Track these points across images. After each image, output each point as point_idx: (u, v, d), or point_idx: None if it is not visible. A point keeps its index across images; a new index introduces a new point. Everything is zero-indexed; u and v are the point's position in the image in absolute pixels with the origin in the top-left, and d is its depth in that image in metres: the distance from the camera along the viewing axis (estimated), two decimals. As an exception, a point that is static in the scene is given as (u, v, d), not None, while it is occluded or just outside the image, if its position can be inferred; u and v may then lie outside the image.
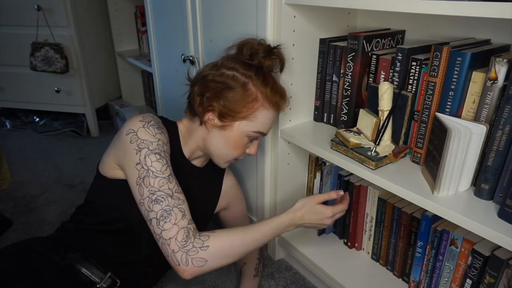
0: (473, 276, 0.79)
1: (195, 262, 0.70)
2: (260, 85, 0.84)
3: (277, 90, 0.88)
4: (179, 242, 0.70)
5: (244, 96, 0.83)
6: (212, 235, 0.73)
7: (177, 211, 0.72)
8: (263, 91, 0.85)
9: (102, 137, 2.19)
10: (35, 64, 1.86)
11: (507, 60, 0.66)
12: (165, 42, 1.47)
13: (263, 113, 0.85)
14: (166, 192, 0.73)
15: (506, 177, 0.68)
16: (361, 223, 1.06)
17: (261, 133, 0.87)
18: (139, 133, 0.77)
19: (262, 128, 0.87)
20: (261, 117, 0.85)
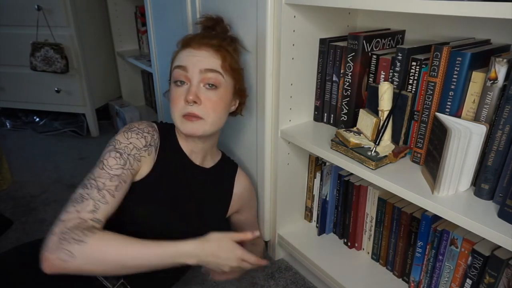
0: (473, 276, 0.79)
1: (62, 253, 0.65)
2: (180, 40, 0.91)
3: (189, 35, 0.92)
4: (65, 227, 0.67)
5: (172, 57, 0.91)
6: (98, 234, 0.68)
7: (91, 203, 0.71)
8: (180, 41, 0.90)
9: (102, 137, 2.19)
10: (35, 64, 1.86)
11: (507, 60, 0.66)
12: (165, 42, 1.47)
13: (178, 56, 0.89)
14: (97, 184, 0.74)
15: (506, 177, 0.68)
16: (361, 223, 1.06)
17: (177, 67, 0.85)
18: (117, 135, 0.83)
19: (176, 63, 0.87)
20: (176, 59, 0.89)
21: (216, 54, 0.86)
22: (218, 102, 0.86)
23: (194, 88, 0.84)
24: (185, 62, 0.85)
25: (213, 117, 0.86)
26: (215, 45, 0.87)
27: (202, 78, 0.84)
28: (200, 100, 0.84)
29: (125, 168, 0.78)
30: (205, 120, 0.85)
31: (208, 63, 0.85)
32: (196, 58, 0.85)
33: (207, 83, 0.85)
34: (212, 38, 0.88)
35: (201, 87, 0.85)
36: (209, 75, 0.84)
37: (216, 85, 0.86)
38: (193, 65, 0.84)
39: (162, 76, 1.60)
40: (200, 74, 0.84)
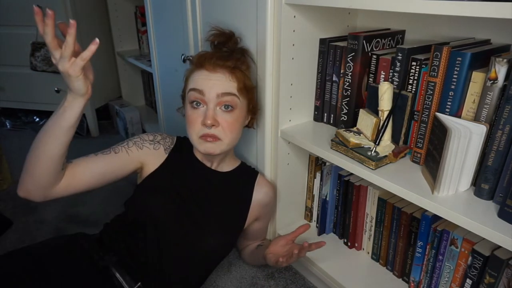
0: (473, 276, 0.79)
1: None
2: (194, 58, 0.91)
3: (202, 53, 0.91)
4: None
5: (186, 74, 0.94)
6: None
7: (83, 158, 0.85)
8: (194, 59, 0.91)
9: (102, 137, 2.19)
10: (35, 64, 1.86)
11: (507, 60, 0.66)
12: (165, 42, 1.47)
13: (192, 76, 0.90)
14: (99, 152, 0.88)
15: (506, 177, 0.68)
16: (361, 223, 1.06)
17: (193, 90, 0.87)
18: None
19: (192, 85, 0.88)
20: (190, 79, 0.90)
21: (232, 77, 0.87)
22: (234, 123, 0.89)
23: (211, 112, 0.86)
24: (201, 86, 0.86)
25: (230, 137, 0.89)
26: (230, 67, 0.88)
27: (219, 102, 0.86)
28: (217, 122, 0.86)
29: (121, 145, 0.89)
30: (223, 140, 0.88)
31: (224, 87, 0.86)
32: (212, 82, 0.86)
33: (223, 105, 0.87)
34: (226, 59, 0.88)
35: (218, 109, 0.87)
36: (226, 98, 0.86)
37: (233, 107, 0.87)
38: (210, 88, 0.85)
39: (162, 76, 1.60)
40: (217, 98, 0.86)
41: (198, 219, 0.91)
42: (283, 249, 0.98)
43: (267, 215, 1.09)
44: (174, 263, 0.88)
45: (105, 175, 0.85)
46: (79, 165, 0.83)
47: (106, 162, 0.85)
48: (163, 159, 0.93)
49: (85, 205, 1.51)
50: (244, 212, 1.00)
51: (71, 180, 0.81)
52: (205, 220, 0.91)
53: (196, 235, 0.89)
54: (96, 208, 1.49)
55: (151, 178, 0.91)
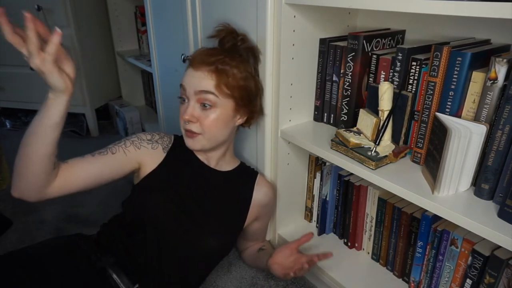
0: (473, 276, 0.79)
1: None
2: None
3: (198, 50, 0.92)
4: None
5: None
6: None
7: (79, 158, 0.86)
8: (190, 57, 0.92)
9: (102, 137, 2.19)
10: (35, 64, 1.86)
11: (507, 60, 0.66)
12: (165, 42, 1.47)
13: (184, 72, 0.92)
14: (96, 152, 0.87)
15: (506, 177, 0.68)
16: (361, 223, 1.06)
17: (180, 86, 0.90)
18: None
19: (181, 81, 0.90)
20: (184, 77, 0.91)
21: (212, 75, 0.87)
22: (214, 121, 0.89)
23: (190, 109, 0.88)
24: (184, 82, 0.90)
25: (209, 134, 0.90)
26: (212, 64, 0.87)
27: (197, 99, 0.88)
28: (195, 118, 0.88)
29: (118, 145, 0.89)
30: (202, 135, 0.90)
31: (201, 85, 0.87)
32: (193, 79, 0.88)
33: (202, 103, 0.88)
34: (210, 57, 0.88)
35: (198, 106, 0.88)
36: (204, 96, 0.87)
37: (212, 105, 0.88)
38: (189, 86, 0.88)
39: (162, 76, 1.60)
40: (195, 95, 0.88)
41: (198, 218, 0.90)
42: (288, 260, 0.96)
43: (267, 215, 1.09)
44: (173, 263, 0.88)
45: (101, 176, 0.85)
46: (75, 165, 0.83)
47: (103, 162, 0.85)
48: (162, 159, 0.93)
49: (85, 206, 1.51)
50: (244, 211, 1.00)
51: (67, 180, 0.81)
52: (204, 220, 0.91)
53: (196, 235, 0.89)
54: (96, 208, 1.49)
55: (149, 178, 0.91)
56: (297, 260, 0.94)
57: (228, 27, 0.96)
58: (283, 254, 0.97)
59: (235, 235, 1.00)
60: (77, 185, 0.82)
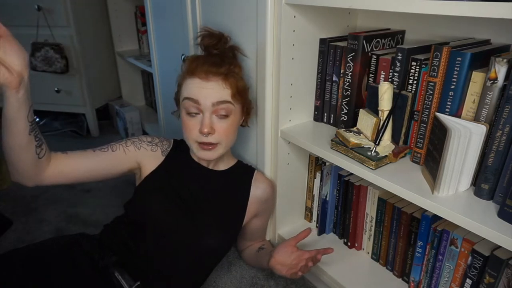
0: (473, 276, 0.79)
1: None
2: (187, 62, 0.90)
3: (194, 58, 0.90)
4: None
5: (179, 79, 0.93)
6: None
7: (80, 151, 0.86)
8: (186, 66, 0.90)
9: (102, 137, 2.19)
10: (35, 64, 1.86)
11: (507, 60, 0.66)
12: (165, 42, 1.47)
13: (185, 83, 0.90)
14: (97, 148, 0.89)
15: (506, 177, 0.68)
16: (361, 223, 1.06)
17: (188, 99, 0.87)
18: None
19: (186, 94, 0.88)
20: (184, 86, 0.90)
21: (225, 84, 0.87)
22: (230, 128, 0.90)
23: (207, 121, 0.86)
24: (195, 95, 0.86)
25: (226, 141, 0.91)
26: (223, 74, 0.87)
27: (214, 110, 0.87)
28: (214, 130, 0.87)
29: (119, 143, 0.90)
30: (220, 145, 0.90)
31: (219, 96, 0.86)
32: (206, 91, 0.86)
33: (219, 114, 0.87)
34: (219, 66, 0.87)
35: (214, 116, 0.88)
36: (221, 106, 0.87)
37: (228, 114, 0.88)
38: (205, 98, 0.86)
39: (162, 76, 1.60)
40: (212, 107, 0.86)
41: (197, 218, 0.91)
42: (290, 258, 0.94)
43: (266, 212, 1.08)
44: (174, 262, 0.88)
45: (99, 171, 0.87)
46: (73, 157, 0.84)
47: (102, 158, 0.87)
48: (160, 161, 0.94)
49: (85, 206, 1.51)
50: (242, 209, 1.00)
51: (63, 169, 0.82)
52: (204, 219, 0.92)
53: (196, 235, 0.89)
54: (96, 208, 1.49)
55: (149, 180, 0.92)
56: (300, 257, 0.92)
57: (209, 31, 0.95)
58: (283, 253, 0.95)
59: (235, 233, 1.00)
60: (74, 176, 0.84)
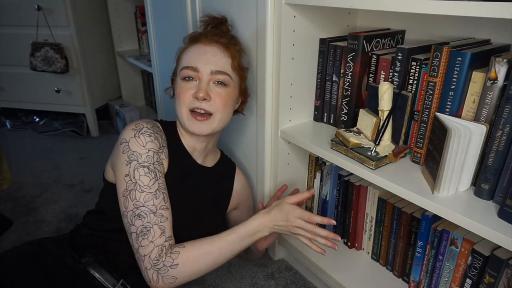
0: (473, 276, 0.79)
1: (165, 280, 0.74)
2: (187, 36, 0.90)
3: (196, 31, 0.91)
4: (151, 260, 0.74)
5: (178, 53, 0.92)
6: (182, 252, 0.76)
7: (157, 228, 0.75)
8: (188, 38, 0.90)
9: (102, 137, 2.19)
10: (35, 64, 1.86)
11: (507, 60, 0.66)
12: (165, 42, 1.47)
13: (185, 53, 0.88)
14: (150, 208, 0.76)
15: (506, 177, 0.68)
16: (361, 223, 1.06)
17: (187, 68, 0.84)
18: (130, 143, 0.79)
19: (185, 63, 0.86)
20: (184, 56, 0.88)
21: (226, 52, 0.87)
22: (227, 99, 0.86)
23: (204, 85, 0.83)
24: (195, 63, 0.84)
25: (221, 113, 0.86)
26: (224, 43, 0.87)
27: (212, 78, 0.85)
28: (210, 96, 0.84)
29: (158, 178, 0.79)
30: (214, 116, 0.85)
31: (218, 64, 0.85)
32: (207, 57, 0.84)
33: (217, 81, 0.85)
34: (221, 36, 0.88)
35: (211, 84, 0.85)
36: (219, 77, 0.85)
37: (226, 84, 0.86)
38: (204, 65, 0.84)
39: (162, 76, 1.60)
40: (211, 75, 0.84)
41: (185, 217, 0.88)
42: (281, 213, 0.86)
43: (247, 203, 1.11)
44: None
45: None
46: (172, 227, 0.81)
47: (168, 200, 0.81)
48: None
49: (85, 205, 1.51)
50: (226, 203, 1.02)
51: None
52: (203, 218, 0.92)
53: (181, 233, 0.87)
54: (96, 208, 1.49)
55: None
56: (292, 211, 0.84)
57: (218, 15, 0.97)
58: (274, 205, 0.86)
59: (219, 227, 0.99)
60: None
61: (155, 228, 0.75)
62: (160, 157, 0.83)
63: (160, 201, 0.78)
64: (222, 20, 0.99)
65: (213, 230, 0.93)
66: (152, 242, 0.74)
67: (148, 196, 0.76)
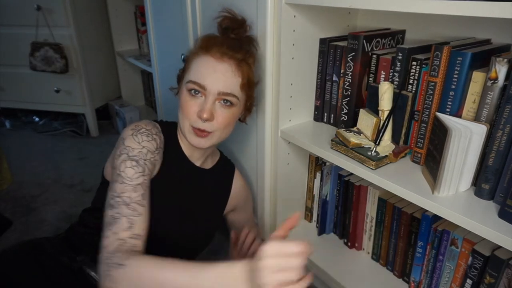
0: (474, 276, 0.79)
1: (108, 279, 0.65)
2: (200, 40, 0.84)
3: (210, 36, 0.85)
4: (107, 252, 0.67)
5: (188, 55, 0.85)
6: (136, 258, 0.65)
7: (125, 221, 0.70)
8: (200, 42, 0.84)
9: (102, 137, 2.19)
10: (35, 64, 1.86)
11: (508, 60, 0.66)
12: (165, 42, 1.47)
13: (195, 61, 0.83)
14: (124, 199, 0.71)
15: (507, 177, 0.68)
16: (361, 223, 1.06)
17: (193, 83, 0.80)
18: (126, 140, 0.78)
19: (193, 77, 0.80)
20: (193, 65, 0.82)
21: (238, 71, 0.82)
22: (230, 118, 0.84)
23: (209, 106, 0.80)
24: (203, 79, 0.80)
25: (222, 132, 0.85)
26: (238, 59, 0.82)
27: (218, 98, 0.81)
28: (213, 117, 0.81)
29: (145, 174, 0.76)
30: (214, 134, 0.83)
31: (227, 85, 0.81)
32: (216, 75, 0.80)
33: (222, 100, 0.82)
34: (236, 51, 0.83)
35: (216, 103, 0.82)
36: (226, 97, 0.81)
37: (232, 104, 0.83)
38: (212, 84, 0.79)
39: (162, 76, 1.60)
40: (218, 95, 0.80)
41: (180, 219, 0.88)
42: None
43: (246, 204, 1.09)
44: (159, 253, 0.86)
45: None
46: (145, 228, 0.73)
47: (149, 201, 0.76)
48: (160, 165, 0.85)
49: (85, 205, 1.50)
50: (223, 205, 1.01)
51: None
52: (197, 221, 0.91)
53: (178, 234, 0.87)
54: (96, 208, 1.49)
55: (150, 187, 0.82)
56: None
57: (232, 13, 0.91)
58: None
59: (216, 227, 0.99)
60: None
61: (123, 220, 0.69)
62: (155, 158, 0.81)
63: (137, 195, 0.72)
64: (242, 22, 0.91)
65: (208, 232, 0.93)
66: (115, 233, 0.68)
67: (126, 188, 0.72)
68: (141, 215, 0.71)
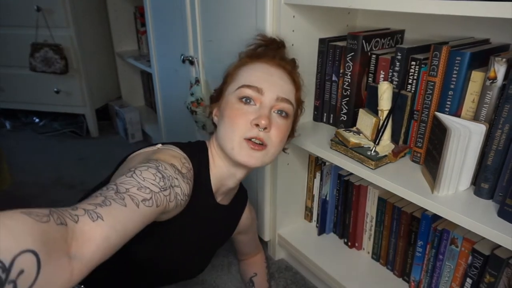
0: (473, 276, 0.79)
1: None
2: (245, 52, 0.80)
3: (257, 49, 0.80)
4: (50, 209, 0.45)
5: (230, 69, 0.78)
6: None
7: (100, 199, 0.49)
8: (245, 53, 0.79)
9: (102, 137, 2.19)
10: (35, 65, 1.86)
11: (506, 60, 0.66)
12: (165, 42, 1.47)
13: (243, 69, 0.75)
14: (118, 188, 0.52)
15: (506, 176, 0.68)
16: (361, 222, 1.06)
17: (248, 86, 0.71)
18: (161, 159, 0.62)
19: (245, 81, 0.72)
20: (241, 73, 0.75)
21: (291, 79, 0.76)
22: (285, 132, 0.74)
23: (267, 112, 0.70)
24: (260, 83, 0.71)
25: (276, 147, 0.73)
26: (289, 70, 0.77)
27: (275, 105, 0.72)
28: (271, 126, 0.71)
29: (163, 192, 0.56)
30: (268, 149, 0.71)
31: (285, 91, 0.73)
32: (274, 79, 0.72)
33: (278, 110, 0.72)
34: (287, 62, 0.78)
35: (272, 112, 0.72)
36: (284, 105, 0.72)
37: (288, 114, 0.74)
38: (269, 87, 0.71)
39: (162, 77, 1.60)
40: (275, 101, 0.71)
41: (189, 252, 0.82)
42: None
43: (252, 227, 1.03)
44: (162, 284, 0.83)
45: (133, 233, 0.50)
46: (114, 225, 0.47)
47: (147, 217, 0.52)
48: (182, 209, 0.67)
49: (85, 206, 1.50)
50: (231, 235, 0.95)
51: None
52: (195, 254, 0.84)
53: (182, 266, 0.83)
54: (96, 208, 1.49)
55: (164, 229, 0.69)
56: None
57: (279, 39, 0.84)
58: None
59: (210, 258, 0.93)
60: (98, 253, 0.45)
61: (99, 197, 0.49)
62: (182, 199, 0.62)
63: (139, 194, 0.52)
64: (281, 44, 0.85)
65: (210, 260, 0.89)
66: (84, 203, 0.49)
67: (131, 181, 0.53)
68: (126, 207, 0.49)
